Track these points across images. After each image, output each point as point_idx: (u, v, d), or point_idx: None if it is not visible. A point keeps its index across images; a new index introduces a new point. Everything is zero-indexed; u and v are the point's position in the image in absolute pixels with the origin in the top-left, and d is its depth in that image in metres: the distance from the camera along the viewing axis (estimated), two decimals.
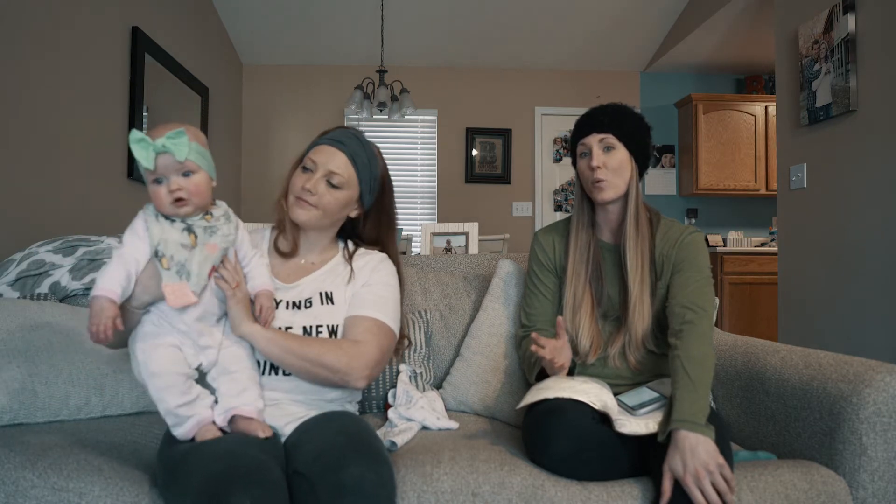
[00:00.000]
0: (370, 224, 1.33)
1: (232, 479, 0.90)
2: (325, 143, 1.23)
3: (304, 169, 1.22)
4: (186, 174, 1.01)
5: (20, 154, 2.24)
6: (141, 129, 3.07)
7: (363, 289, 1.25)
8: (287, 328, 1.17)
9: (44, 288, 1.69)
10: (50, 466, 1.07)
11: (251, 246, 1.15)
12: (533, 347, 1.23)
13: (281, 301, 1.21)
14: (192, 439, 1.05)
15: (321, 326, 1.19)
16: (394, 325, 1.24)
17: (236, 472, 0.92)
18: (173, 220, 1.02)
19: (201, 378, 1.11)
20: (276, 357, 1.10)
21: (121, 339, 1.07)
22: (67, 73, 2.52)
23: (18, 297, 1.64)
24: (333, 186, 1.21)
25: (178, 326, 1.06)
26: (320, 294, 1.23)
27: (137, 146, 0.97)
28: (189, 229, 1.03)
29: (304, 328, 1.18)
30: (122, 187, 2.99)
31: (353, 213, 1.30)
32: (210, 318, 1.09)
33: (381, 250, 1.34)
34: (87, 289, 1.71)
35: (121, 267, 0.99)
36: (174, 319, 1.05)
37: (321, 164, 1.21)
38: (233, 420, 1.08)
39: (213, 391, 1.11)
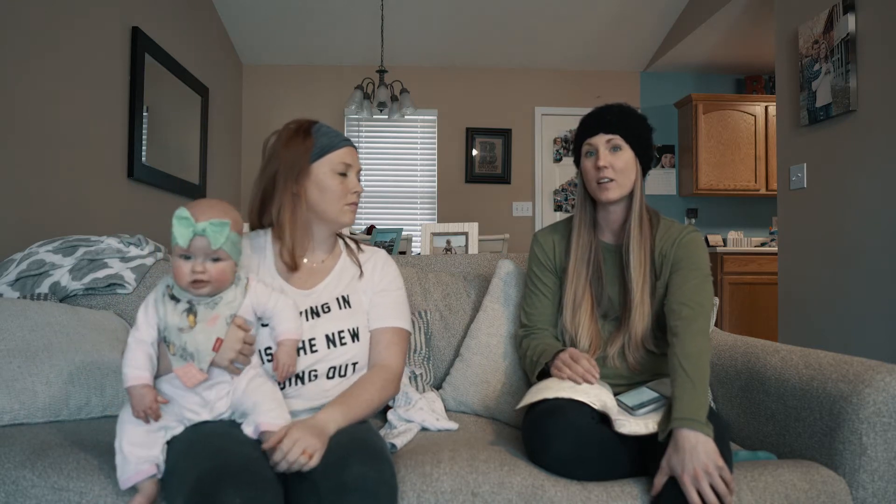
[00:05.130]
0: None
1: (223, 477, 0.90)
2: (345, 144, 1.26)
3: (341, 175, 1.24)
4: (215, 259, 1.05)
5: (20, 154, 2.24)
6: (141, 129, 3.08)
7: (381, 296, 1.32)
8: (311, 339, 1.18)
9: (44, 288, 1.69)
10: (50, 466, 1.08)
11: (268, 295, 1.14)
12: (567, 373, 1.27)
13: (301, 311, 1.21)
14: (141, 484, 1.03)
15: (343, 332, 1.22)
16: (409, 324, 1.35)
17: (228, 470, 0.92)
18: (178, 301, 1.06)
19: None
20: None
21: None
22: (67, 73, 2.52)
23: (18, 297, 1.64)
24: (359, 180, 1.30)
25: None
26: (337, 299, 1.26)
27: (179, 223, 1.01)
28: (189, 309, 1.06)
29: (327, 336, 1.20)
30: (122, 187, 2.99)
31: None
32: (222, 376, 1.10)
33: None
34: (88, 289, 1.71)
35: (139, 351, 1.05)
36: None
37: (353, 165, 1.26)
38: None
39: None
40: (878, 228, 2.37)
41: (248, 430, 1.06)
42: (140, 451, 1.03)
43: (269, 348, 1.15)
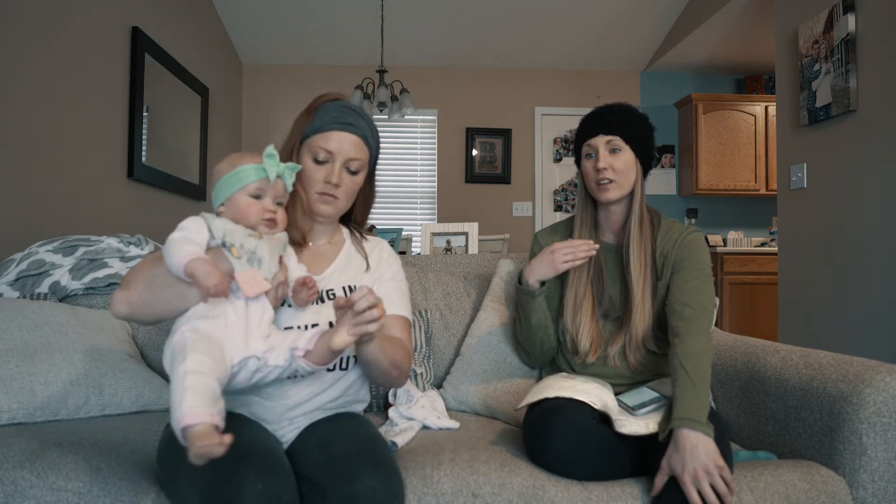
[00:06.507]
0: (361, 195, 1.28)
1: (243, 463, 0.90)
2: (335, 128, 1.16)
3: (318, 161, 1.16)
4: (280, 203, 1.04)
5: (20, 154, 2.24)
6: (141, 129, 3.08)
7: (390, 284, 1.27)
8: (313, 325, 1.11)
9: (44, 288, 1.69)
10: (49, 466, 1.07)
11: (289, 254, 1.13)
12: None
13: None
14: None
15: None
16: (412, 317, 1.32)
17: (247, 457, 0.91)
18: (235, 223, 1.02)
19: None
20: (373, 354, 1.05)
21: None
22: (67, 73, 2.52)
23: (18, 297, 1.64)
24: (352, 172, 1.18)
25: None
26: (344, 288, 1.21)
27: (270, 160, 1.01)
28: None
29: (331, 324, 1.13)
30: (122, 187, 2.99)
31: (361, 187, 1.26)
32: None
33: (361, 222, 1.33)
34: (88, 289, 1.71)
35: (187, 242, 0.96)
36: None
37: (338, 152, 1.15)
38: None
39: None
40: (879, 228, 2.37)
41: (303, 341, 0.98)
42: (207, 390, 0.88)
43: (289, 328, 1.08)
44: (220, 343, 0.95)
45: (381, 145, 1.31)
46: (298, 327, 1.09)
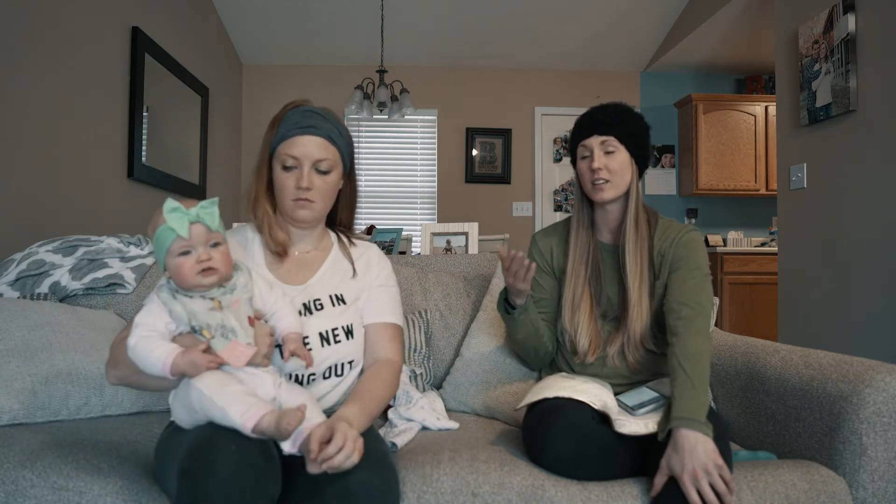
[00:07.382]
0: (342, 196, 1.29)
1: (218, 433, 0.91)
2: (296, 133, 1.17)
3: (286, 168, 1.17)
4: (214, 245, 1.01)
5: (20, 154, 2.24)
6: (141, 129, 3.08)
7: (380, 291, 1.27)
8: (304, 337, 1.13)
9: (44, 288, 1.69)
10: (49, 466, 1.08)
11: (269, 288, 1.10)
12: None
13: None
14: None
15: (336, 329, 1.17)
16: (403, 322, 1.35)
17: (223, 431, 0.91)
18: (191, 295, 1.00)
19: None
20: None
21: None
22: (67, 73, 2.52)
23: (18, 297, 1.64)
24: (323, 172, 1.18)
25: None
26: (331, 297, 1.21)
27: (173, 215, 0.97)
28: (210, 298, 1.01)
29: (321, 334, 1.15)
30: (122, 187, 2.99)
31: (339, 187, 1.26)
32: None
33: (346, 223, 1.34)
34: (88, 289, 1.71)
35: (153, 345, 0.96)
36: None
37: (304, 157, 1.16)
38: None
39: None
40: (879, 228, 2.37)
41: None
42: (244, 398, 0.93)
43: (278, 345, 1.10)
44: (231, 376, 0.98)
45: (381, 145, 1.31)
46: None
